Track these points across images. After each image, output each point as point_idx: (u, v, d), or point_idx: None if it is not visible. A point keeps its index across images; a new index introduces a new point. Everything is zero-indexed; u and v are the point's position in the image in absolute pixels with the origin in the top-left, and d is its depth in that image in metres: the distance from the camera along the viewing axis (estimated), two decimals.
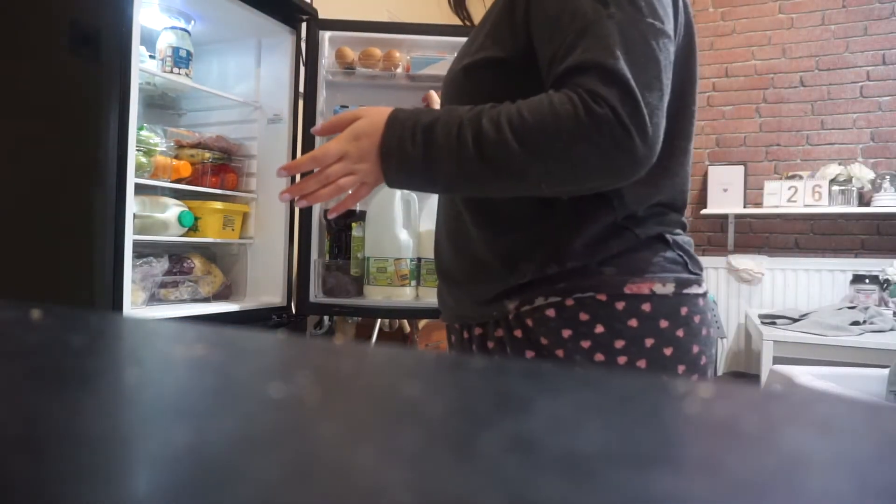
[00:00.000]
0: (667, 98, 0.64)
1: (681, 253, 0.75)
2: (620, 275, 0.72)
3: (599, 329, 0.71)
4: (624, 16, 0.64)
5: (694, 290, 0.75)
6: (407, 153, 0.67)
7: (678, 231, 0.78)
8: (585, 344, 0.71)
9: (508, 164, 0.64)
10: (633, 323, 0.71)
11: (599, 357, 0.71)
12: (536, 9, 0.69)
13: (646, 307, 0.71)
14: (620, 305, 0.71)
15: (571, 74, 0.64)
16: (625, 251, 0.73)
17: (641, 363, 0.71)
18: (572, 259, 0.72)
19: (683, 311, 0.73)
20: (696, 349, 0.73)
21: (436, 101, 1.15)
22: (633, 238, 0.73)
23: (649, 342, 0.71)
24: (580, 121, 0.61)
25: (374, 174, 0.70)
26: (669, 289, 0.72)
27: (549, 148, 0.63)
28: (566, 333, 0.72)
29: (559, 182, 0.65)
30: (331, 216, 0.80)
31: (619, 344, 0.71)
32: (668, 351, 0.71)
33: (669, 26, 0.67)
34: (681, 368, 0.72)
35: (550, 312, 0.73)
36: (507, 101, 0.68)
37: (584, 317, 0.71)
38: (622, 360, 0.71)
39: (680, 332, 0.72)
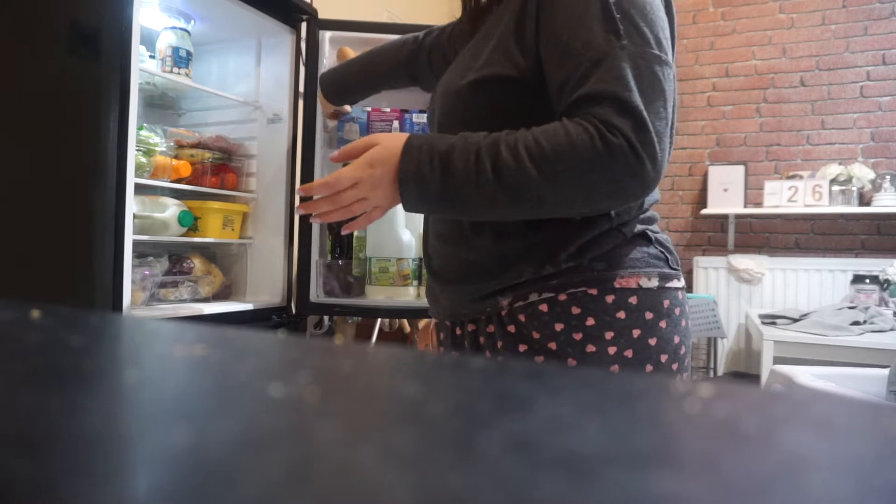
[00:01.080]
0: (670, 124, 0.69)
1: (662, 249, 0.80)
2: (610, 270, 0.76)
3: (590, 321, 0.75)
4: (635, 48, 0.67)
5: (674, 283, 0.80)
6: (425, 180, 0.70)
7: (656, 228, 0.82)
8: (577, 336, 0.75)
9: (527, 190, 0.67)
10: (622, 315, 0.75)
11: (591, 348, 0.75)
12: (548, 32, 0.72)
13: (632, 300, 0.75)
14: (610, 299, 0.75)
15: (585, 103, 0.67)
16: (613, 248, 0.77)
17: (629, 353, 0.75)
18: (567, 260, 0.76)
19: (666, 303, 0.77)
20: (676, 339, 0.78)
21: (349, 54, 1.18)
22: (621, 237, 0.77)
23: (636, 333, 0.75)
24: (597, 150, 0.65)
25: (388, 199, 0.74)
26: (654, 283, 0.77)
27: (567, 176, 0.66)
28: (558, 327, 0.76)
29: (574, 206, 0.69)
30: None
31: (609, 335, 0.75)
32: (652, 341, 0.76)
33: (671, 57, 0.71)
34: (664, 358, 0.76)
35: (543, 307, 0.76)
36: (514, 117, 0.72)
37: (575, 310, 0.75)
38: (612, 350, 0.75)
39: (663, 324, 0.76)
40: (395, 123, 1.90)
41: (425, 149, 0.71)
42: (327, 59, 1.92)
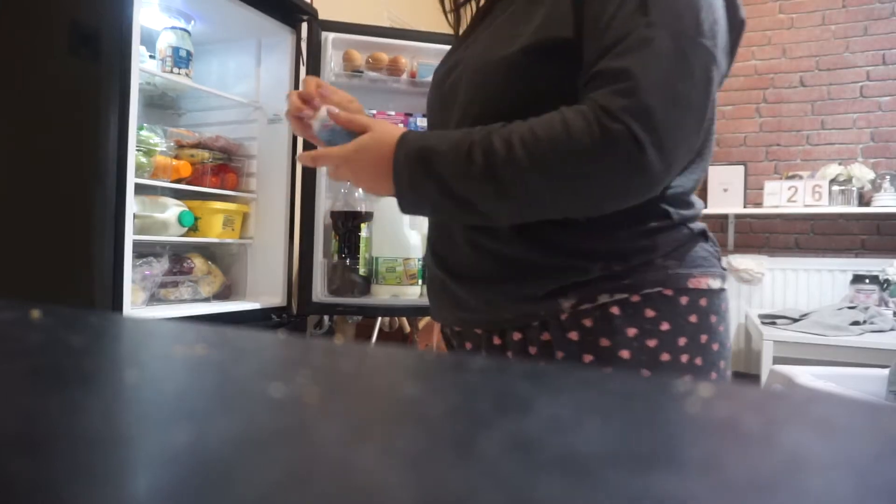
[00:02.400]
0: (698, 116, 0.61)
1: (716, 248, 0.75)
2: (683, 269, 0.69)
3: (665, 326, 0.67)
4: (664, 26, 0.60)
5: (726, 284, 0.74)
6: (416, 176, 0.66)
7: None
8: (651, 343, 0.67)
9: (518, 183, 0.62)
10: (693, 319, 0.68)
11: (665, 357, 0.67)
12: (586, 7, 0.64)
13: (702, 302, 0.69)
14: (684, 300, 0.68)
15: (596, 80, 0.61)
16: (681, 246, 0.70)
17: (699, 360, 0.68)
18: (637, 255, 0.68)
19: (723, 306, 0.72)
20: (728, 344, 0.73)
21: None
22: (688, 232, 0.71)
23: (703, 338, 0.69)
24: (592, 136, 0.58)
25: (374, 190, 0.72)
26: (718, 283, 0.71)
27: (560, 166, 0.60)
28: (631, 332, 0.67)
29: (569, 202, 0.63)
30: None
31: (682, 341, 0.67)
32: (715, 346, 0.70)
33: (713, 43, 0.62)
34: (722, 364, 0.71)
35: (614, 310, 0.67)
36: (570, 89, 0.65)
37: (650, 313, 0.67)
38: (684, 358, 0.67)
39: (721, 328, 0.71)
40: (400, 126, 1.92)
41: (418, 142, 0.67)
42: (331, 61, 1.92)
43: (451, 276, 0.77)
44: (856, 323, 2.73)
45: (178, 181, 1.68)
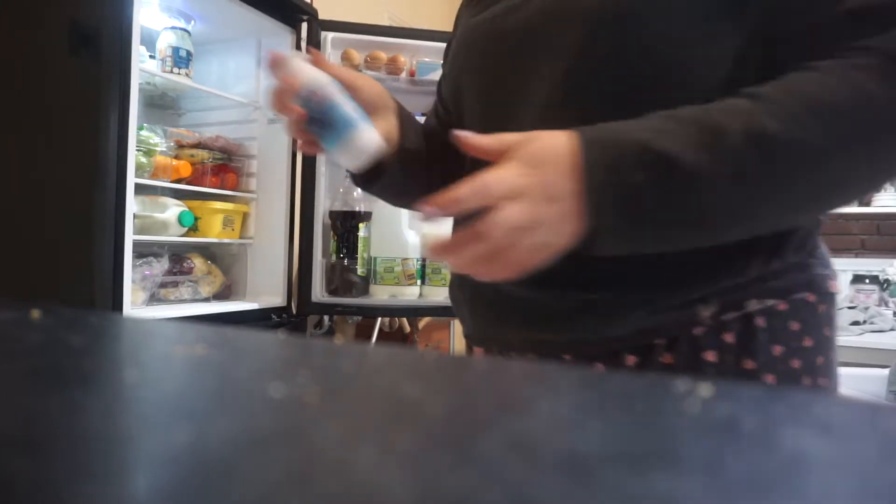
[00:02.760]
0: None
1: None
2: (821, 268, 0.55)
3: (808, 342, 0.53)
4: None
5: None
6: (634, 182, 0.43)
7: None
8: (796, 364, 0.52)
9: (812, 171, 0.45)
10: (827, 332, 0.55)
11: (806, 381, 0.53)
12: None
13: (832, 310, 0.56)
14: (822, 308, 0.54)
15: (856, 23, 0.45)
16: (818, 241, 0.57)
17: (830, 383, 0.55)
18: (796, 249, 0.54)
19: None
20: None
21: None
22: (820, 225, 0.58)
23: (830, 354, 0.56)
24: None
25: (566, 226, 0.44)
26: (838, 286, 0.58)
27: (866, 140, 0.45)
28: (777, 350, 0.52)
29: (867, 185, 0.49)
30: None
31: (819, 360, 0.54)
32: (835, 365, 0.57)
33: None
34: (835, 383, 0.58)
35: (760, 322, 0.52)
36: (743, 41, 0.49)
37: (794, 326, 0.53)
38: (822, 381, 0.54)
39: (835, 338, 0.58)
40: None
41: (621, 136, 0.45)
42: (330, 61, 1.92)
43: (524, 282, 0.50)
44: (856, 323, 2.73)
45: (178, 181, 1.68)
